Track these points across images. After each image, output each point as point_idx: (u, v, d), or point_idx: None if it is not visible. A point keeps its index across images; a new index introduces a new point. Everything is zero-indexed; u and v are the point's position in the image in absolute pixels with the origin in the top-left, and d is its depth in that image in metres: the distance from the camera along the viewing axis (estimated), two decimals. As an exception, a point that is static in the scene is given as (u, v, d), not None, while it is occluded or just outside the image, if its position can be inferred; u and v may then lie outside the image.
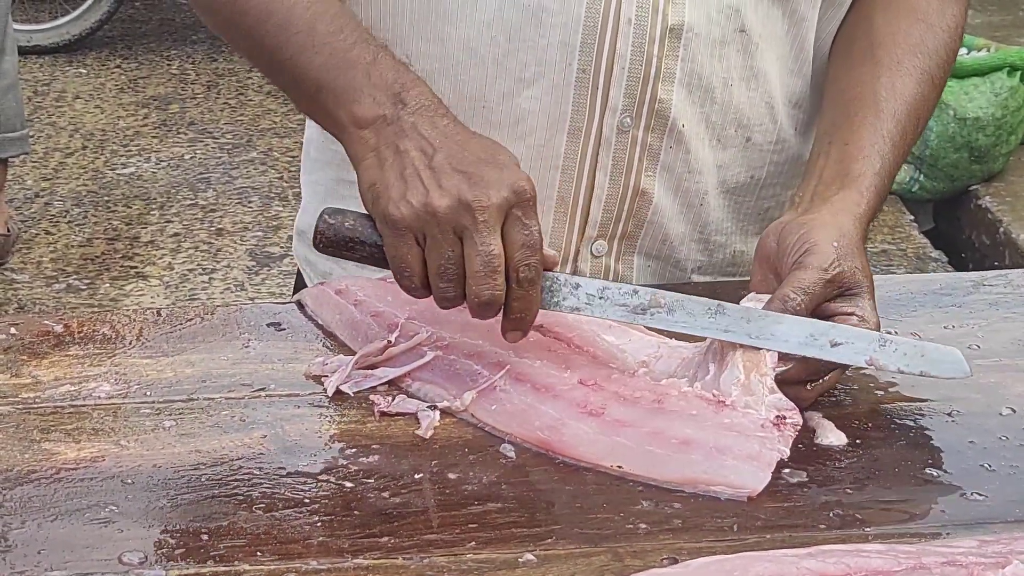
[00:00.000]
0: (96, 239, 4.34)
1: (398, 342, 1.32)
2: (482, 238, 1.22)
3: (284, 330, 1.41)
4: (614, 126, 1.46)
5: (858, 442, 1.23)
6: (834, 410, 1.27)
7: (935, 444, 1.23)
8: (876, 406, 1.29)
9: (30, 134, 4.56)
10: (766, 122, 1.52)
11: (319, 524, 1.11)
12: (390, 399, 1.27)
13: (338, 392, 1.29)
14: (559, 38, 1.43)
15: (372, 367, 1.32)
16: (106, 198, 4.64)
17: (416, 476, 1.18)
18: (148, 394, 1.29)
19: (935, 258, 4.24)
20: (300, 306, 1.45)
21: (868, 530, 1.11)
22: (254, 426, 1.24)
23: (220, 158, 5.00)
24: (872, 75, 1.45)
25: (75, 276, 4.11)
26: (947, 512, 1.15)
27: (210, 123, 5.32)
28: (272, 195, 4.69)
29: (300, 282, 1.69)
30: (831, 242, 1.29)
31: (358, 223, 1.29)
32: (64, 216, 4.50)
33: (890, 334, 1.28)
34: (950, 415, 1.27)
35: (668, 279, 1.55)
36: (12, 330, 1.39)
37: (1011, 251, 4.03)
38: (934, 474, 1.19)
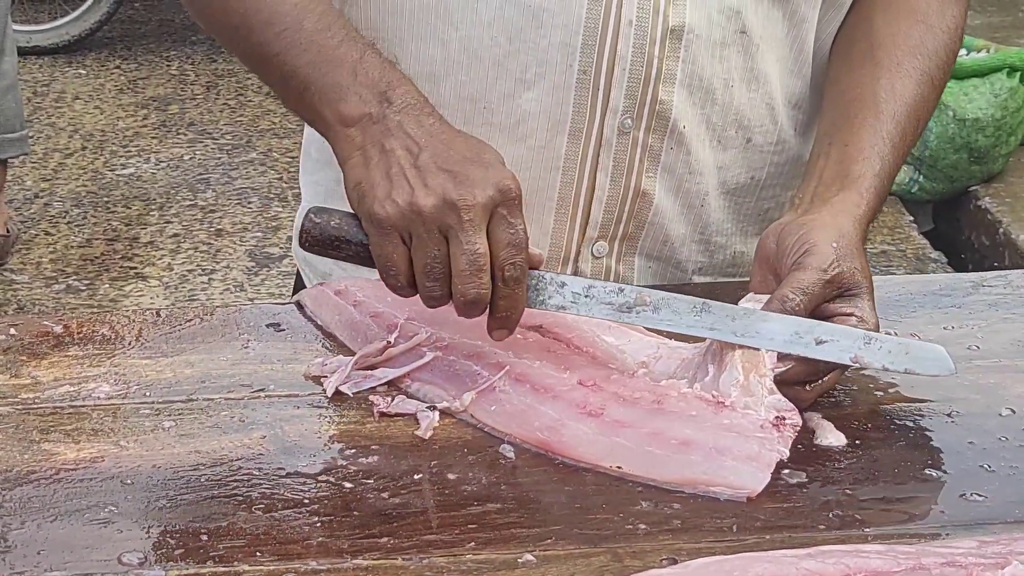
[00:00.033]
0: (95, 240, 4.34)
1: (397, 343, 1.32)
2: (467, 237, 1.22)
3: (283, 331, 1.41)
4: (615, 127, 1.46)
5: (857, 443, 1.23)
6: (833, 411, 1.27)
7: (935, 445, 1.23)
8: (876, 407, 1.29)
9: (29, 135, 4.56)
10: (766, 123, 1.52)
11: (318, 524, 1.11)
12: (389, 400, 1.27)
13: (337, 393, 1.29)
14: (560, 39, 1.43)
15: (371, 368, 1.32)
16: (105, 199, 4.63)
17: (415, 477, 1.17)
18: (147, 395, 1.29)
19: (935, 259, 4.24)
20: (299, 307, 1.45)
21: (868, 531, 1.11)
22: (253, 427, 1.24)
23: (220, 159, 5.00)
24: (872, 76, 1.45)
25: (75, 277, 4.11)
26: (946, 513, 1.15)
27: (209, 124, 5.32)
28: (272, 196, 4.69)
29: (300, 283, 1.69)
30: (830, 243, 1.29)
31: (344, 222, 1.29)
32: (64, 217, 4.50)
33: (889, 335, 1.28)
34: (950, 416, 1.27)
35: (669, 280, 1.55)
36: (12, 331, 1.39)
37: (1010, 252, 4.03)
38: (934, 475, 1.19)
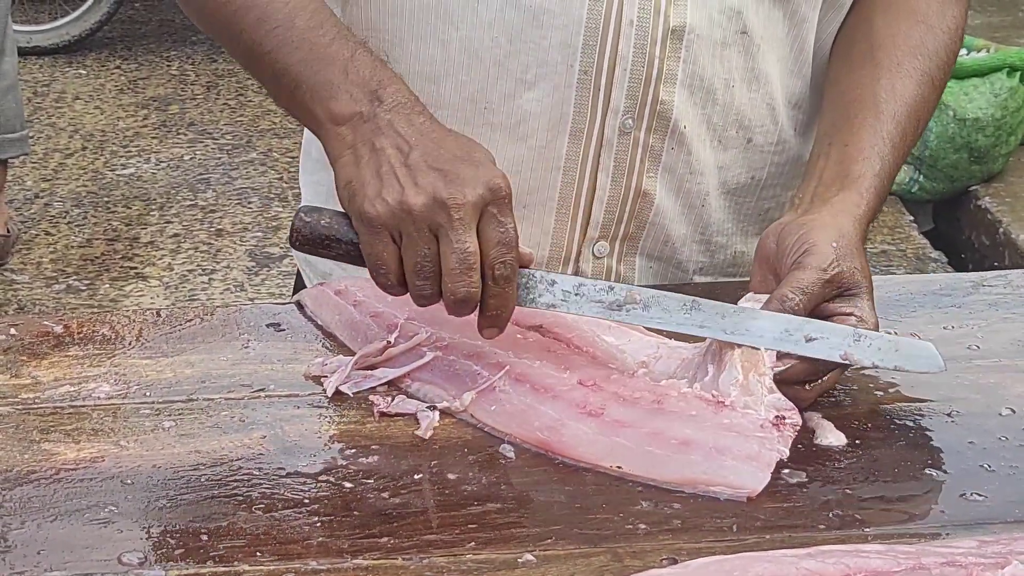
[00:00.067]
0: (96, 240, 4.34)
1: (397, 343, 1.32)
2: (457, 235, 1.22)
3: (284, 331, 1.41)
4: (616, 127, 1.46)
5: (858, 442, 1.23)
6: (833, 410, 1.27)
7: (935, 444, 1.23)
8: (876, 406, 1.29)
9: (30, 135, 4.56)
10: (767, 123, 1.52)
11: (318, 524, 1.11)
12: (389, 399, 1.27)
13: (337, 393, 1.29)
14: (560, 39, 1.43)
15: (371, 368, 1.32)
16: (106, 199, 4.63)
17: (415, 476, 1.17)
18: (148, 395, 1.29)
19: (935, 259, 4.24)
20: (300, 307, 1.45)
21: (868, 530, 1.11)
22: (254, 426, 1.24)
23: (220, 159, 5.00)
24: (872, 77, 1.45)
25: (75, 277, 4.11)
26: (947, 512, 1.15)
27: (210, 124, 5.32)
28: (272, 196, 4.69)
29: (300, 283, 1.70)
30: (830, 243, 1.29)
31: (334, 221, 1.29)
32: (64, 217, 4.50)
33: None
34: (950, 415, 1.27)
35: (670, 280, 1.55)
36: (12, 331, 1.39)
37: (1011, 252, 4.03)
38: (934, 474, 1.19)
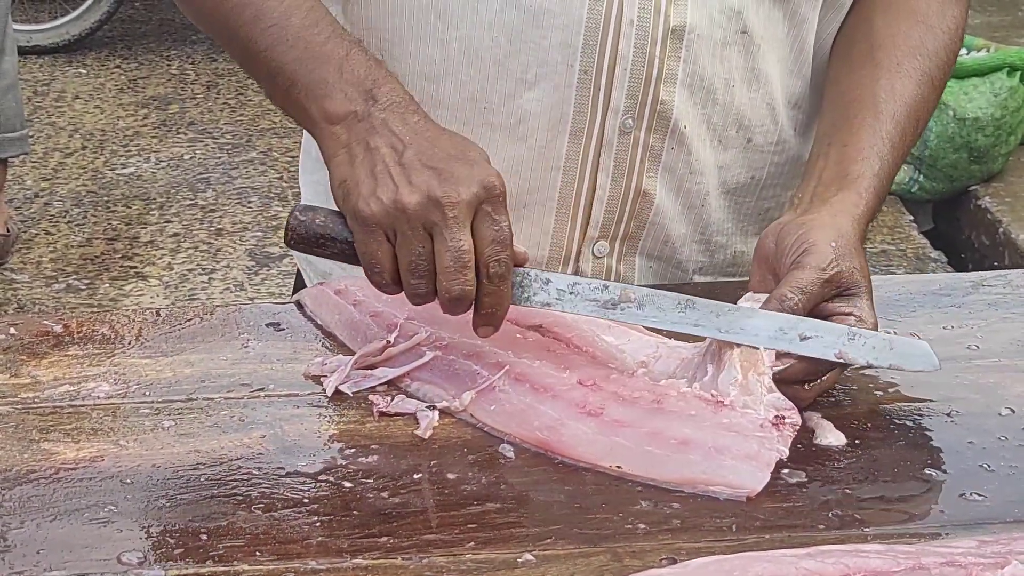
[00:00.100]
0: (96, 239, 4.34)
1: (397, 342, 1.32)
2: (452, 234, 1.22)
3: (283, 330, 1.41)
4: (616, 127, 1.46)
5: (857, 442, 1.23)
6: (833, 410, 1.27)
7: (934, 444, 1.23)
8: (875, 406, 1.29)
9: (30, 134, 4.56)
10: (767, 123, 1.52)
11: (318, 524, 1.11)
12: (389, 399, 1.27)
13: (337, 392, 1.29)
14: (560, 39, 1.43)
15: (371, 367, 1.32)
16: (106, 198, 4.63)
17: (415, 476, 1.17)
18: (147, 394, 1.29)
19: (934, 258, 4.24)
20: (299, 306, 1.45)
21: (867, 530, 1.11)
22: (253, 426, 1.24)
23: (220, 158, 5.00)
24: (872, 77, 1.45)
25: (75, 276, 4.11)
26: (946, 512, 1.15)
27: (210, 123, 5.32)
28: (272, 195, 4.69)
29: (300, 282, 1.70)
30: (829, 242, 1.29)
31: (329, 220, 1.30)
32: (64, 216, 4.50)
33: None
34: (949, 415, 1.27)
35: (669, 280, 1.55)
36: (11, 330, 1.39)
37: (1010, 251, 4.03)
38: (933, 474, 1.19)
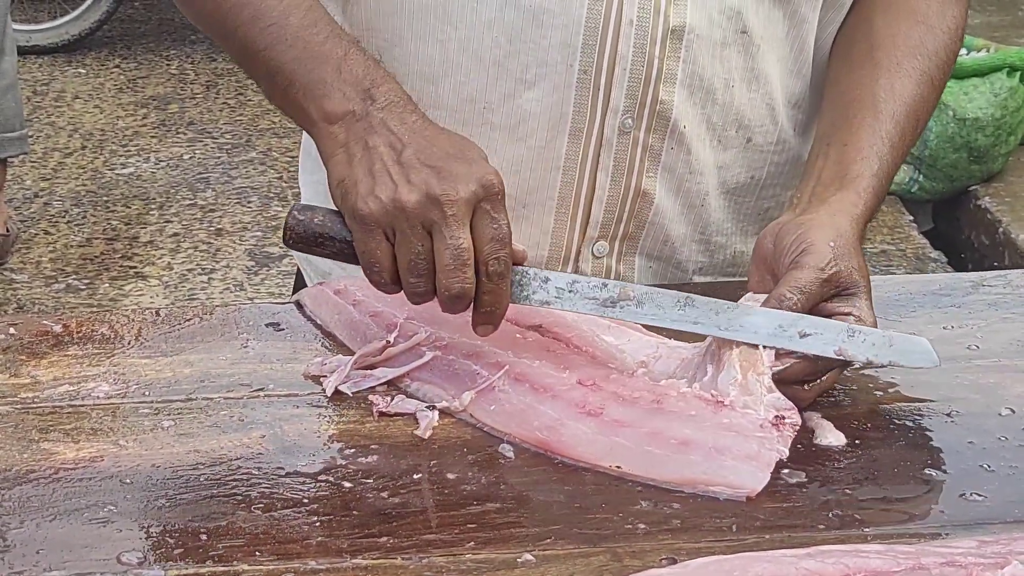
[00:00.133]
0: (95, 239, 4.34)
1: (397, 342, 1.32)
2: (451, 232, 1.22)
3: (283, 330, 1.41)
4: (615, 127, 1.46)
5: (857, 442, 1.23)
6: (833, 410, 1.27)
7: (934, 444, 1.23)
8: (875, 406, 1.29)
9: (29, 134, 4.56)
10: (767, 123, 1.52)
11: (318, 524, 1.11)
12: (389, 399, 1.27)
13: (337, 392, 1.29)
14: (560, 39, 1.43)
15: (371, 367, 1.32)
16: (105, 198, 4.63)
17: (415, 476, 1.17)
18: (147, 394, 1.29)
19: (934, 258, 4.24)
20: (299, 306, 1.45)
21: (867, 530, 1.11)
22: (253, 426, 1.24)
23: (219, 158, 5.00)
24: (871, 77, 1.45)
25: (74, 276, 4.11)
26: (946, 512, 1.15)
27: (209, 123, 5.32)
28: (271, 195, 4.69)
29: (300, 282, 1.69)
30: (828, 242, 1.29)
31: (328, 219, 1.30)
32: (63, 216, 4.50)
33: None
34: (949, 415, 1.27)
35: (669, 280, 1.55)
36: (11, 330, 1.39)
37: (1010, 251, 4.03)
38: (933, 474, 1.19)
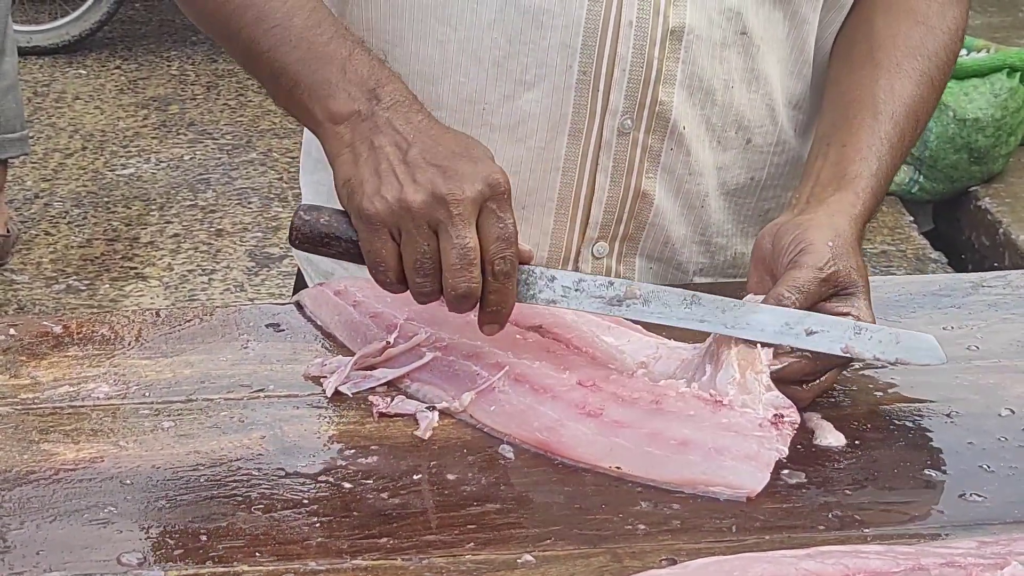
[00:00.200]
0: (96, 240, 4.34)
1: (397, 343, 1.32)
2: (457, 231, 1.22)
3: (283, 331, 1.41)
4: (615, 128, 1.46)
5: (857, 443, 1.23)
6: (833, 411, 1.27)
7: (934, 445, 1.23)
8: (875, 407, 1.29)
9: (30, 135, 4.56)
10: (767, 124, 1.52)
11: (318, 525, 1.11)
12: (389, 400, 1.27)
13: (337, 393, 1.29)
14: (560, 40, 1.43)
15: (371, 368, 1.32)
16: (106, 199, 4.63)
17: (415, 477, 1.17)
18: (147, 395, 1.29)
19: (935, 259, 4.24)
20: (299, 307, 1.45)
21: (867, 531, 1.11)
22: (253, 427, 1.24)
23: (220, 159, 5.00)
24: (871, 77, 1.45)
25: (75, 277, 4.11)
26: (946, 513, 1.15)
27: (210, 124, 5.32)
28: (272, 196, 4.69)
29: (300, 282, 1.69)
30: (826, 242, 1.29)
31: (333, 219, 1.30)
32: (64, 217, 4.50)
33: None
34: (949, 416, 1.27)
35: (670, 280, 1.55)
36: (11, 331, 1.39)
37: (1010, 252, 4.03)
38: (933, 475, 1.19)
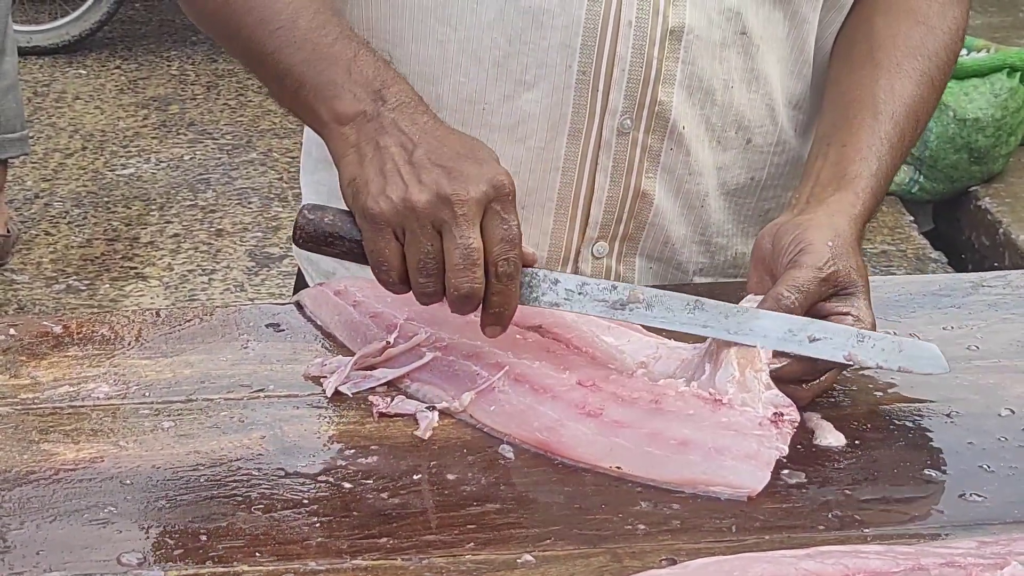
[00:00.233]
0: (96, 240, 4.34)
1: (397, 343, 1.32)
2: (461, 232, 1.22)
3: (283, 331, 1.41)
4: (614, 128, 1.46)
5: (857, 443, 1.23)
6: (833, 411, 1.27)
7: (934, 445, 1.23)
8: (875, 407, 1.29)
9: (30, 135, 4.56)
10: (766, 124, 1.52)
11: (318, 525, 1.11)
12: (389, 400, 1.27)
13: (337, 393, 1.29)
14: (559, 40, 1.43)
15: (371, 368, 1.32)
16: (106, 199, 4.63)
17: (415, 477, 1.17)
18: (147, 395, 1.29)
19: (935, 259, 4.24)
20: (299, 307, 1.45)
21: (867, 531, 1.11)
22: (253, 427, 1.24)
23: (220, 159, 5.00)
24: (871, 77, 1.45)
25: (75, 277, 4.11)
26: (946, 513, 1.15)
27: (210, 124, 5.32)
28: (272, 196, 4.69)
29: (300, 282, 1.69)
30: (826, 242, 1.29)
31: (338, 219, 1.30)
32: (64, 217, 4.50)
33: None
34: (949, 416, 1.27)
35: (670, 280, 1.55)
36: (11, 331, 1.39)
37: (1010, 252, 4.03)
38: (933, 475, 1.19)
